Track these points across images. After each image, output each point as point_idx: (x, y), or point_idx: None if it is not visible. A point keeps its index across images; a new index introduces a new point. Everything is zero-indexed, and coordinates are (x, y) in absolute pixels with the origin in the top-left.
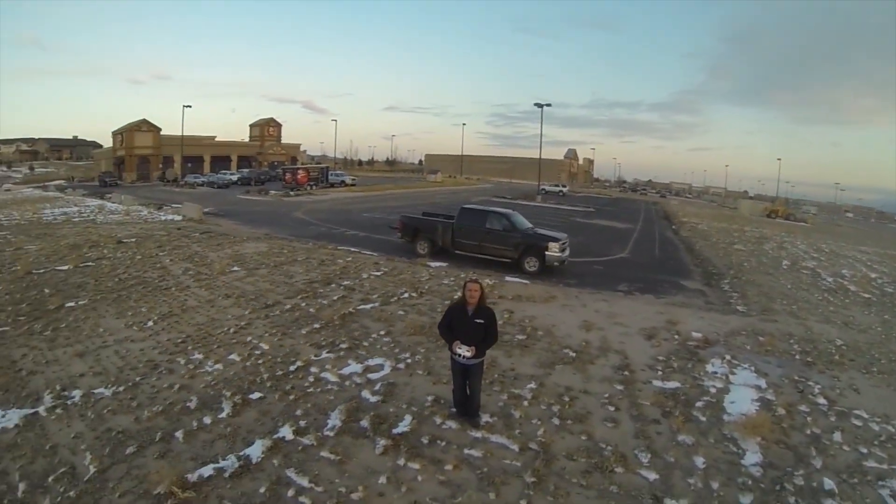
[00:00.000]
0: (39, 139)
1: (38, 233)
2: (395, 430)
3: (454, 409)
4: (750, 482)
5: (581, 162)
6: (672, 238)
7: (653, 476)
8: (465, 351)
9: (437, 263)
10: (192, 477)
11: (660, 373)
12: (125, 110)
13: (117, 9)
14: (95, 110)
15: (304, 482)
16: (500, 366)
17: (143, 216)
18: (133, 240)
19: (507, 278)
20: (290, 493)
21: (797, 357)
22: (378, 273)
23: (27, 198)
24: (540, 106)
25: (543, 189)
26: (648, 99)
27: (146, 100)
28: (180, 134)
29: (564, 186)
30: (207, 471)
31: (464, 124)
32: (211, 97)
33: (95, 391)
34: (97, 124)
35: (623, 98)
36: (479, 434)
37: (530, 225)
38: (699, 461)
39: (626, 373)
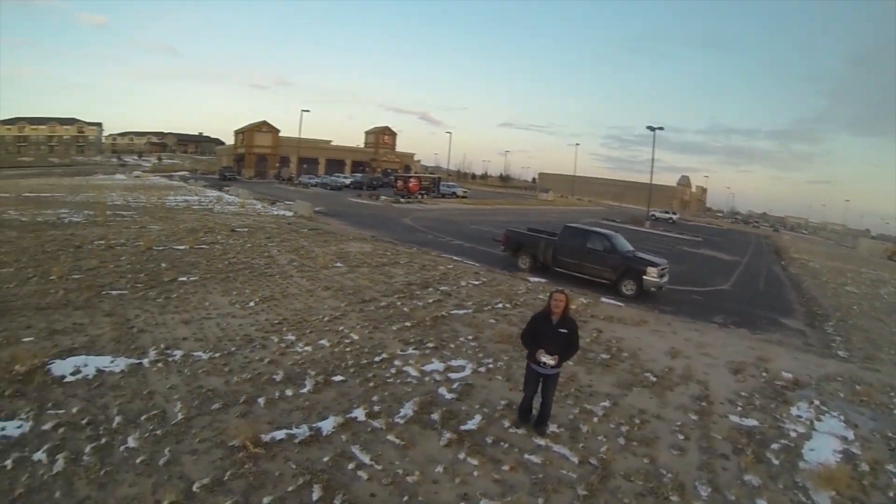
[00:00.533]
0: (168, 133)
1: (160, 216)
2: (462, 427)
3: (517, 418)
4: None
5: (694, 190)
6: (779, 274)
7: None
8: (549, 359)
9: (536, 279)
10: (266, 437)
11: (739, 408)
12: (247, 112)
13: (244, 19)
14: (220, 110)
15: (366, 459)
16: (579, 381)
17: (257, 209)
18: (245, 230)
19: (603, 299)
20: (351, 466)
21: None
22: (476, 282)
23: (154, 185)
24: (652, 129)
25: (653, 215)
26: (766, 126)
27: (267, 103)
28: (297, 136)
29: (675, 214)
30: (280, 434)
31: (577, 144)
32: (329, 104)
33: (194, 354)
34: (221, 123)
35: (740, 125)
36: (542, 442)
37: (631, 248)
38: None
39: (704, 404)
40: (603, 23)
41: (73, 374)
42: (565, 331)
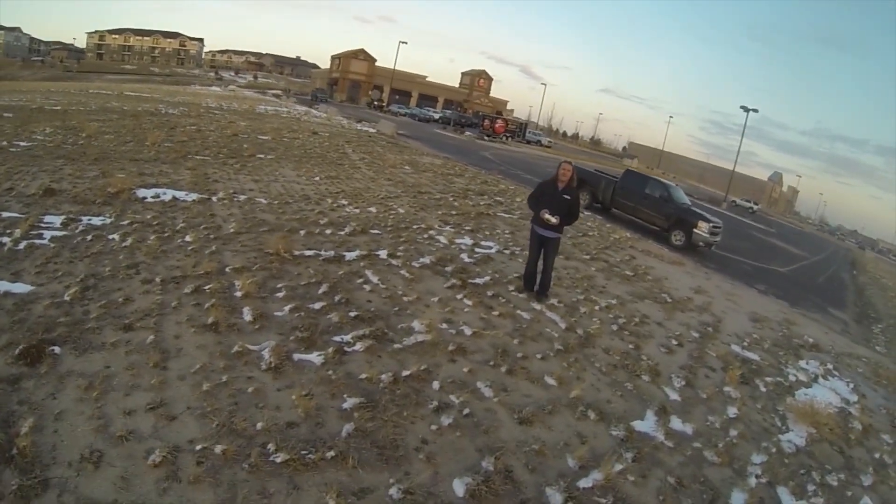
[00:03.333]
0: (266, 54)
1: (250, 117)
2: (470, 280)
3: (523, 285)
4: (774, 450)
5: (784, 189)
6: (845, 278)
7: (674, 396)
8: (551, 217)
9: (588, 213)
10: (297, 252)
11: (745, 343)
12: (348, 42)
13: None
14: (320, 38)
15: (374, 279)
16: (594, 281)
17: (342, 124)
18: (326, 134)
19: (649, 240)
20: (360, 280)
21: None
22: None
23: (246, 97)
24: (746, 110)
25: (733, 201)
26: (877, 139)
27: (369, 37)
28: (392, 67)
29: (756, 204)
30: (309, 253)
31: (671, 117)
32: (431, 46)
33: (256, 199)
34: (320, 50)
35: (848, 132)
36: (539, 307)
37: (688, 202)
38: (732, 411)
39: (711, 329)
40: (721, 4)
41: (153, 197)
42: (568, 197)
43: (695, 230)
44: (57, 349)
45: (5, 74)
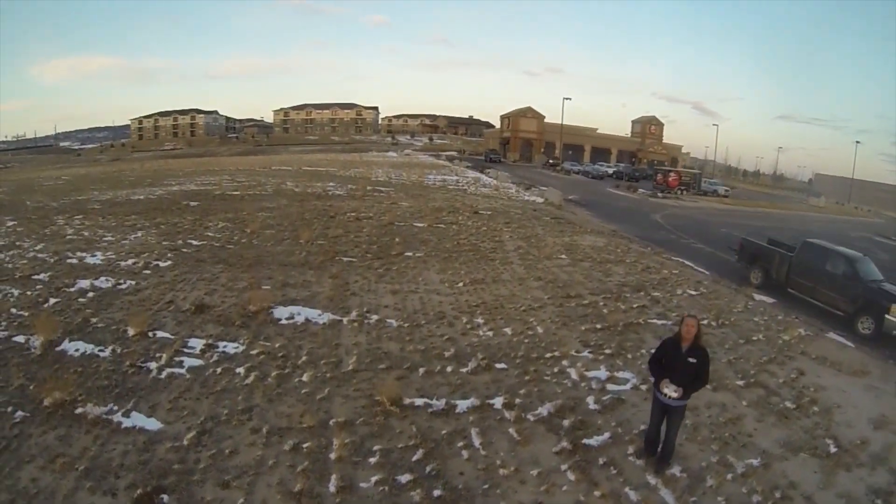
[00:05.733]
0: (440, 116)
1: (415, 193)
2: (584, 440)
3: (643, 447)
4: None
5: None
6: None
7: None
8: (671, 391)
9: (761, 297)
10: (407, 401)
11: None
12: (517, 96)
13: (517, 11)
14: (490, 95)
15: (477, 442)
16: (742, 426)
17: (510, 194)
18: (488, 212)
19: (830, 335)
20: (461, 443)
21: None
22: (694, 292)
23: (420, 163)
24: None
25: None
26: None
27: (537, 89)
28: (560, 123)
29: None
30: (420, 402)
31: (857, 142)
32: (601, 92)
33: (388, 320)
34: (491, 107)
35: None
36: (654, 481)
37: (881, 277)
38: None
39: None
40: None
41: (287, 318)
42: (694, 360)
43: (888, 316)
44: (165, 498)
45: (206, 151)
